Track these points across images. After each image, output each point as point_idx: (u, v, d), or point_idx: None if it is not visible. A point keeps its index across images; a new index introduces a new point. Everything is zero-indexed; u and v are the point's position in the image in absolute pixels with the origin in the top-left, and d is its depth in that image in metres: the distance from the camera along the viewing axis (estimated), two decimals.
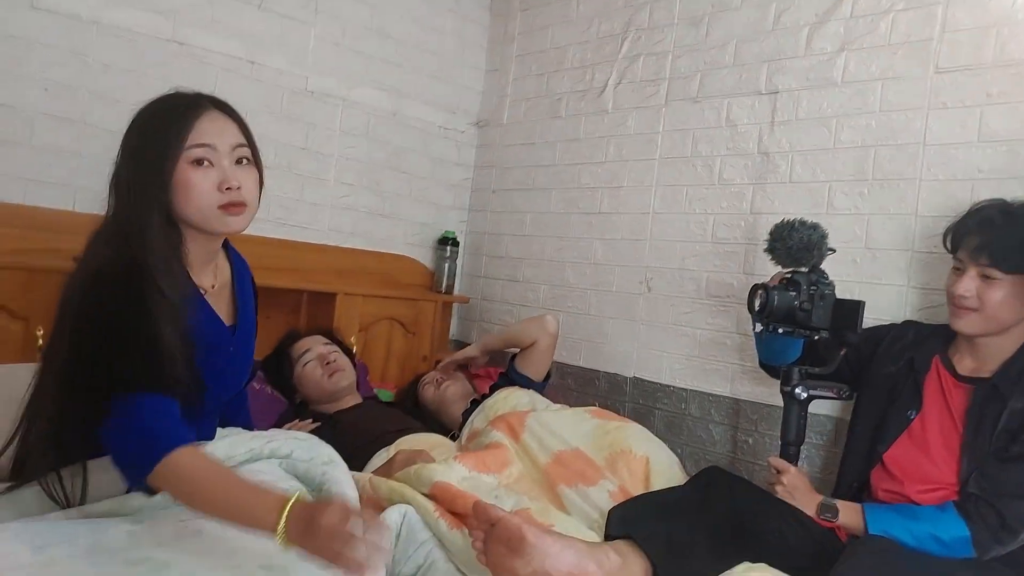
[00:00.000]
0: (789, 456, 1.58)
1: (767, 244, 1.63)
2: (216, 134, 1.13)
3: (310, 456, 1.29)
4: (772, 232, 1.61)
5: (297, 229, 2.38)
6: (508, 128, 2.81)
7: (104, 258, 1.09)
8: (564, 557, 1.07)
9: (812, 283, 1.56)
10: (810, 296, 1.54)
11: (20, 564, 0.89)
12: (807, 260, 1.57)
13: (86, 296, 1.07)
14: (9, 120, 1.79)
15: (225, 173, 1.13)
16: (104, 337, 1.04)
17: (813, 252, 1.56)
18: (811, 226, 1.57)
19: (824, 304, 1.54)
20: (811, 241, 1.56)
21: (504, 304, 2.74)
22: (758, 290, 1.56)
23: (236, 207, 1.14)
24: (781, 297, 1.54)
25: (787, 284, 1.57)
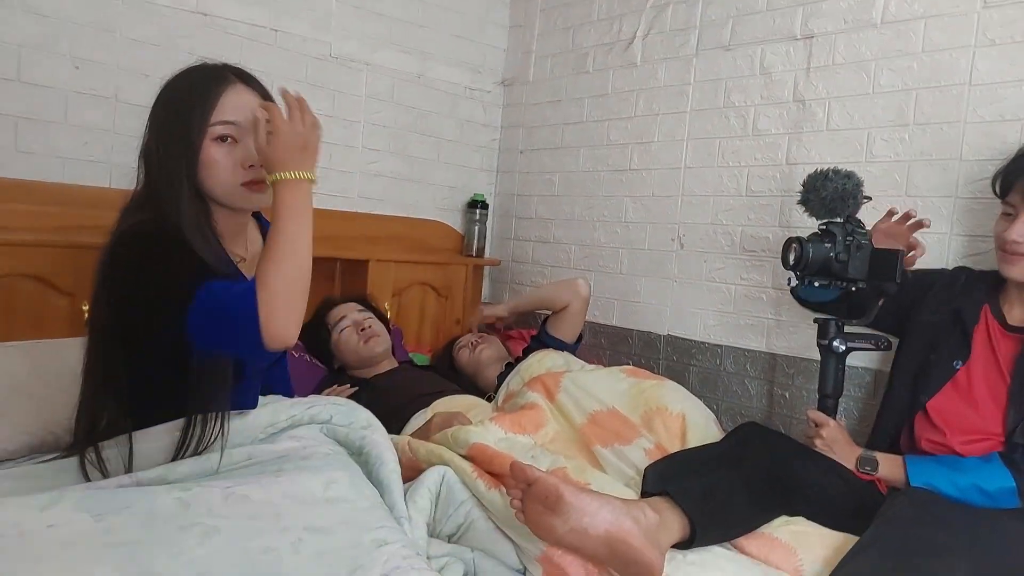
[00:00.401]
0: (827, 409, 1.56)
1: (800, 196, 1.58)
2: (240, 110, 1.13)
3: (349, 421, 1.32)
4: (805, 183, 1.57)
5: (328, 197, 2.39)
6: (534, 86, 2.76)
7: (137, 220, 1.11)
8: (601, 514, 1.09)
9: (848, 233, 1.51)
10: (846, 247, 1.50)
11: (82, 532, 0.94)
12: (842, 210, 1.53)
13: (124, 250, 1.08)
14: (44, 99, 1.82)
15: (248, 150, 1.13)
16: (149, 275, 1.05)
17: (848, 202, 1.52)
18: (845, 175, 1.52)
19: (861, 255, 1.50)
20: (846, 190, 1.51)
21: (535, 266, 2.74)
22: (792, 243, 1.53)
23: (259, 184, 1.14)
24: (816, 249, 1.50)
25: (822, 235, 1.53)
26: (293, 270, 1.01)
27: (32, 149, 1.82)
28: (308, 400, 1.33)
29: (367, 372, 1.99)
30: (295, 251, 1.02)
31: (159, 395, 1.13)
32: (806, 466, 1.37)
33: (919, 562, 1.11)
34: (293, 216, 1.04)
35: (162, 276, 1.05)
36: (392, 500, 1.20)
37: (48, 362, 1.48)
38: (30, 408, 1.41)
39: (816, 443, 1.47)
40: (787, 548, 1.22)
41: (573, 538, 1.08)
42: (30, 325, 1.66)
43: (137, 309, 1.07)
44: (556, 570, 1.14)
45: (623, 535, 1.07)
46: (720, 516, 1.21)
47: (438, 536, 1.28)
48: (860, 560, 1.13)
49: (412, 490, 1.28)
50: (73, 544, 0.92)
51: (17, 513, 0.94)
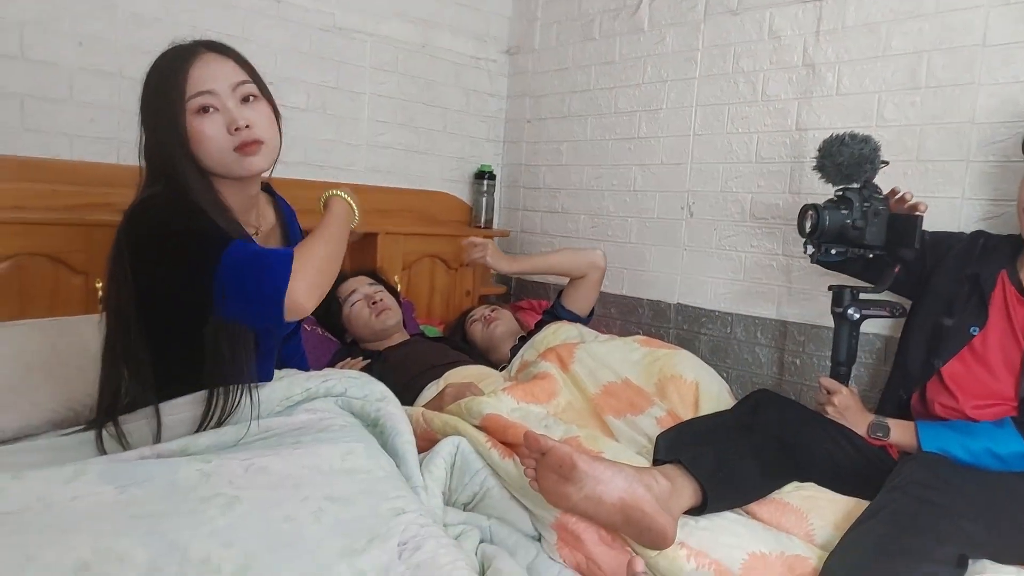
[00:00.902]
0: (840, 376, 1.57)
1: (815, 161, 1.56)
2: (212, 78, 1.12)
3: (363, 393, 1.33)
4: (821, 148, 1.54)
5: (335, 171, 2.39)
6: (540, 54, 2.73)
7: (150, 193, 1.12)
8: (615, 482, 1.10)
9: (865, 199, 1.50)
10: (863, 213, 1.48)
11: (106, 503, 0.96)
12: (859, 176, 1.50)
13: (141, 218, 1.09)
14: (49, 76, 1.82)
15: (231, 114, 1.12)
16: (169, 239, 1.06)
17: (865, 167, 1.49)
18: (862, 139, 1.49)
19: (878, 221, 1.49)
20: (863, 155, 1.48)
21: (544, 236, 2.74)
22: (808, 210, 1.51)
23: (250, 146, 1.13)
24: (832, 216, 1.48)
25: (838, 202, 1.52)
26: (333, 250, 1.12)
27: (40, 127, 1.82)
28: (323, 373, 1.35)
29: (379, 345, 2.00)
30: (338, 239, 1.16)
31: (180, 368, 1.14)
32: (817, 433, 1.38)
33: (928, 525, 1.12)
34: (339, 219, 1.21)
35: (184, 238, 1.05)
36: (408, 470, 1.22)
37: (65, 340, 1.50)
38: (50, 385, 1.43)
39: (828, 410, 1.48)
40: (798, 513, 1.23)
41: (587, 505, 1.10)
42: (45, 303, 1.68)
43: (157, 276, 1.08)
44: (570, 536, 1.16)
45: (636, 502, 1.09)
46: (731, 482, 1.23)
47: (454, 505, 1.30)
48: (871, 524, 1.14)
49: (427, 460, 1.30)
50: (98, 515, 0.94)
51: (42, 486, 0.96)
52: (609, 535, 1.16)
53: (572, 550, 1.16)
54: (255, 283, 1.02)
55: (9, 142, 1.77)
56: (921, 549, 1.09)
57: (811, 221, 1.50)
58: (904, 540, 1.10)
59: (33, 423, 1.39)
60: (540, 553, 1.18)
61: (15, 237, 1.64)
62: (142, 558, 0.90)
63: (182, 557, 0.91)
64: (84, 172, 1.85)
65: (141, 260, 1.09)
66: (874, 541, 1.10)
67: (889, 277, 1.55)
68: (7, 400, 1.38)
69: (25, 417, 1.38)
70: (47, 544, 0.89)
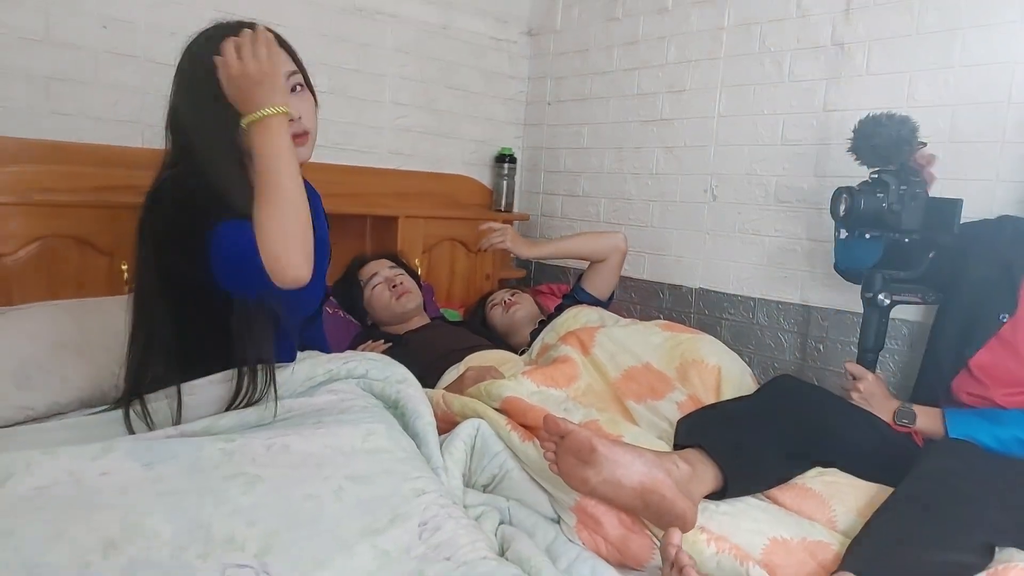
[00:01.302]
0: (867, 363, 1.54)
1: (850, 143, 1.51)
2: None
3: (384, 375, 1.34)
4: (856, 129, 1.49)
5: (357, 154, 2.39)
6: (562, 35, 2.70)
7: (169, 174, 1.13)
8: (635, 466, 1.10)
9: (902, 182, 1.45)
10: (900, 196, 1.44)
11: (133, 479, 0.98)
12: (896, 158, 1.45)
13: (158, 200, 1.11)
14: (74, 59, 1.83)
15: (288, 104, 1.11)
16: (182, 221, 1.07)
17: (903, 149, 1.44)
18: (900, 120, 1.44)
19: (916, 204, 1.44)
20: (900, 137, 1.43)
21: (564, 220, 2.72)
22: (842, 194, 1.47)
23: (300, 137, 1.14)
24: (868, 200, 1.44)
25: (873, 185, 1.47)
26: (285, 211, 1.00)
27: (65, 110, 1.83)
28: (344, 355, 1.36)
29: (400, 328, 2.01)
30: (282, 191, 1.01)
31: (204, 348, 1.15)
32: (840, 418, 1.36)
33: (954, 512, 1.10)
34: (270, 156, 1.02)
35: (195, 220, 1.06)
36: (428, 451, 1.23)
37: (92, 320, 1.53)
38: (79, 364, 1.46)
39: (853, 396, 1.46)
40: (820, 499, 1.22)
41: (607, 489, 1.10)
42: (72, 285, 1.71)
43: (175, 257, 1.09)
44: (590, 519, 1.17)
45: (656, 486, 1.08)
46: (752, 467, 1.22)
47: (473, 486, 1.30)
48: (895, 511, 1.12)
49: (447, 442, 1.30)
50: (126, 491, 0.96)
51: (71, 462, 0.98)
52: (629, 518, 1.15)
53: (591, 533, 1.16)
54: (243, 274, 1.02)
55: (36, 125, 1.79)
56: (946, 537, 1.07)
57: (845, 204, 1.46)
58: (929, 528, 1.09)
59: (62, 401, 1.42)
60: (559, 535, 1.18)
61: (43, 219, 1.67)
62: (167, 535, 0.91)
63: (206, 535, 0.93)
64: (109, 155, 1.87)
65: (162, 241, 1.10)
66: (898, 529, 1.09)
67: (924, 262, 1.51)
68: (37, 379, 1.41)
69: (55, 395, 1.42)
70: (76, 520, 0.91)
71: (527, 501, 1.25)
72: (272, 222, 0.99)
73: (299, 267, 1.00)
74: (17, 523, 0.89)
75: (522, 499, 1.25)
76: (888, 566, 1.02)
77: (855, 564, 1.03)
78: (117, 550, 0.89)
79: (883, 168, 1.48)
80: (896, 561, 1.04)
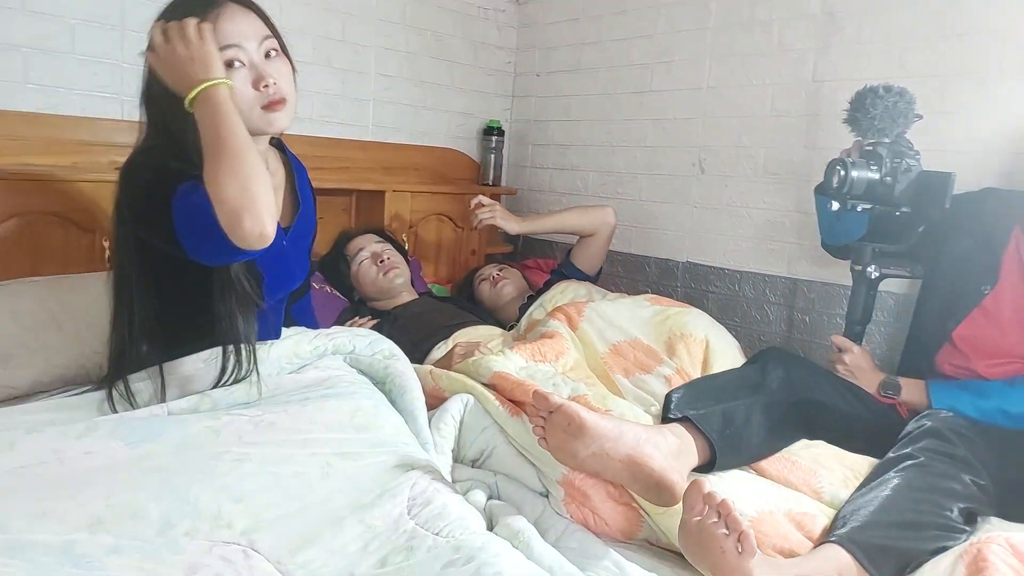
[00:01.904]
0: (854, 335, 1.54)
1: (847, 114, 1.50)
2: (240, 32, 1.09)
3: (372, 351, 1.33)
4: (853, 101, 1.48)
5: (342, 127, 2.35)
6: (550, 4, 2.65)
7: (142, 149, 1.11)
8: (623, 440, 1.10)
9: (896, 155, 1.44)
10: (892, 169, 1.43)
11: (118, 458, 0.97)
12: (891, 130, 1.44)
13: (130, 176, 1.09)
14: (51, 29, 1.78)
15: (259, 70, 1.09)
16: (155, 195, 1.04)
17: (899, 121, 1.43)
18: (897, 92, 1.43)
19: (909, 177, 1.44)
20: (897, 108, 1.42)
21: (552, 194, 2.70)
22: (836, 165, 1.46)
23: (276, 104, 1.11)
24: (860, 171, 1.43)
25: (867, 157, 1.46)
26: (234, 165, 0.96)
27: (42, 81, 1.79)
28: (330, 331, 1.35)
29: (387, 304, 2.00)
30: (231, 148, 0.97)
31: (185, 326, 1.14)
32: (826, 390, 1.37)
33: (937, 483, 1.12)
34: (215, 126, 0.99)
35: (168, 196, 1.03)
36: (417, 427, 1.23)
37: (75, 297, 1.50)
38: (61, 342, 1.44)
39: (839, 368, 1.47)
40: (806, 470, 1.23)
41: (595, 462, 1.10)
42: (55, 261, 1.68)
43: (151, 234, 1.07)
44: (577, 493, 1.17)
45: (644, 459, 1.09)
46: (740, 440, 1.23)
47: (462, 461, 1.31)
48: (880, 482, 1.14)
49: (436, 417, 1.31)
50: (111, 470, 0.95)
51: (55, 441, 0.97)
52: (616, 491, 1.16)
53: (579, 506, 1.17)
54: (207, 241, 0.99)
55: (13, 96, 1.74)
56: (930, 507, 1.09)
57: (838, 176, 1.45)
58: (913, 498, 1.10)
59: (45, 379, 1.40)
60: (547, 509, 1.19)
61: (22, 195, 1.63)
62: (155, 513, 0.91)
63: (194, 511, 0.93)
64: (88, 127, 1.83)
65: (139, 217, 1.08)
66: (883, 499, 1.10)
67: (913, 235, 1.51)
68: (20, 356, 1.39)
69: (38, 373, 1.40)
70: (61, 498, 0.90)
71: (515, 475, 1.25)
72: (225, 182, 0.95)
73: (262, 225, 0.95)
74: (1, 502, 0.88)
75: (510, 473, 1.26)
76: (873, 537, 1.04)
77: (840, 535, 1.04)
78: (104, 527, 0.89)
79: (878, 140, 1.47)
80: (881, 532, 1.05)
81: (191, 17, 1.05)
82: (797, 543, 1.09)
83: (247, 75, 1.09)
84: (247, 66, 1.09)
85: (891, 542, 1.05)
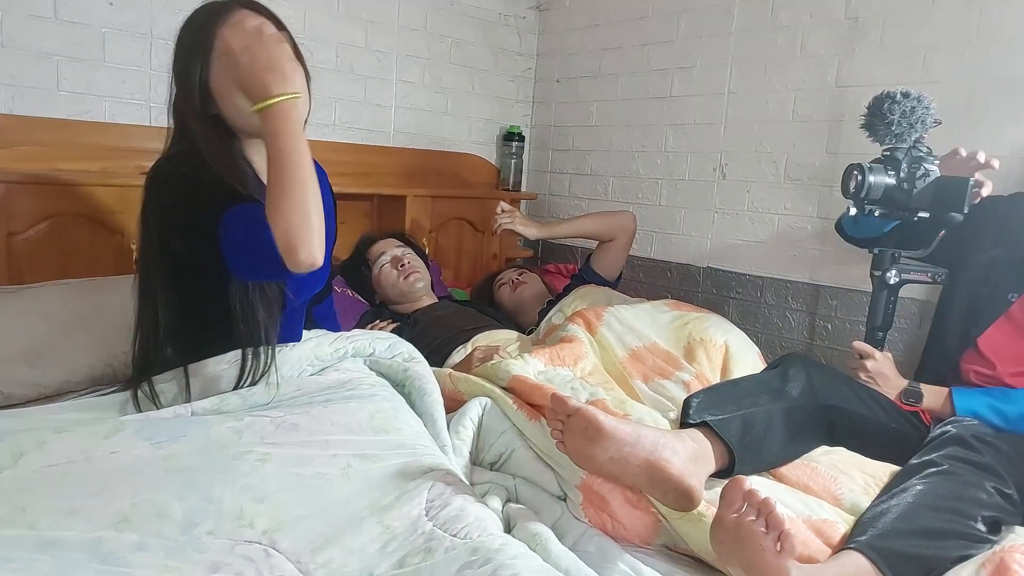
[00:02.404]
0: (875, 341, 1.52)
1: (864, 120, 1.48)
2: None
3: (392, 354, 1.35)
4: (870, 106, 1.46)
5: (364, 132, 2.38)
6: (571, 10, 2.66)
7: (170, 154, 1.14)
8: (641, 444, 1.10)
9: (913, 160, 1.43)
10: (910, 174, 1.42)
11: (144, 458, 0.99)
12: (909, 135, 1.43)
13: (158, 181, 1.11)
14: (82, 38, 1.83)
15: None
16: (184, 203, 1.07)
17: (916, 127, 1.42)
18: (915, 97, 1.41)
19: (927, 183, 1.43)
20: (915, 114, 1.41)
21: (572, 199, 2.71)
22: (853, 170, 1.45)
23: None
24: (878, 177, 1.42)
25: (884, 162, 1.45)
26: (301, 198, 0.98)
27: (74, 88, 1.83)
28: (351, 334, 1.36)
29: (408, 307, 2.01)
30: (298, 178, 0.98)
31: (209, 329, 1.16)
32: (848, 397, 1.35)
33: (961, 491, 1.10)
34: (285, 144, 0.99)
35: (196, 203, 1.06)
36: (436, 430, 1.23)
37: (103, 299, 1.54)
38: (89, 342, 1.47)
39: (861, 375, 1.46)
40: (827, 477, 1.22)
41: (613, 467, 1.10)
42: (84, 264, 1.72)
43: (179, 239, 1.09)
44: (596, 497, 1.17)
45: (662, 464, 1.08)
46: (759, 446, 1.22)
47: (480, 464, 1.31)
48: (902, 489, 1.13)
49: (455, 420, 1.31)
50: (136, 469, 0.97)
51: (83, 441, 0.99)
52: (635, 496, 1.16)
53: (597, 511, 1.17)
54: (257, 262, 1.02)
55: (46, 103, 1.79)
56: (954, 515, 1.07)
57: (855, 181, 1.44)
58: (937, 505, 1.09)
59: (73, 379, 1.43)
60: (565, 513, 1.19)
61: (53, 198, 1.67)
62: (179, 512, 0.93)
63: (217, 511, 0.94)
64: (117, 133, 1.87)
65: (164, 223, 1.10)
66: (905, 507, 1.09)
67: (932, 241, 1.49)
68: (49, 356, 1.43)
69: (66, 373, 1.43)
70: (89, 496, 0.92)
71: (533, 479, 1.25)
72: (289, 211, 0.97)
73: (314, 255, 0.98)
74: (31, 500, 0.90)
75: (528, 477, 1.26)
76: (894, 544, 1.03)
77: (861, 542, 1.03)
78: (129, 525, 0.90)
79: (895, 146, 1.46)
80: (902, 540, 1.04)
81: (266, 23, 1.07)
82: (817, 550, 1.08)
83: None
84: None
85: (913, 550, 1.03)
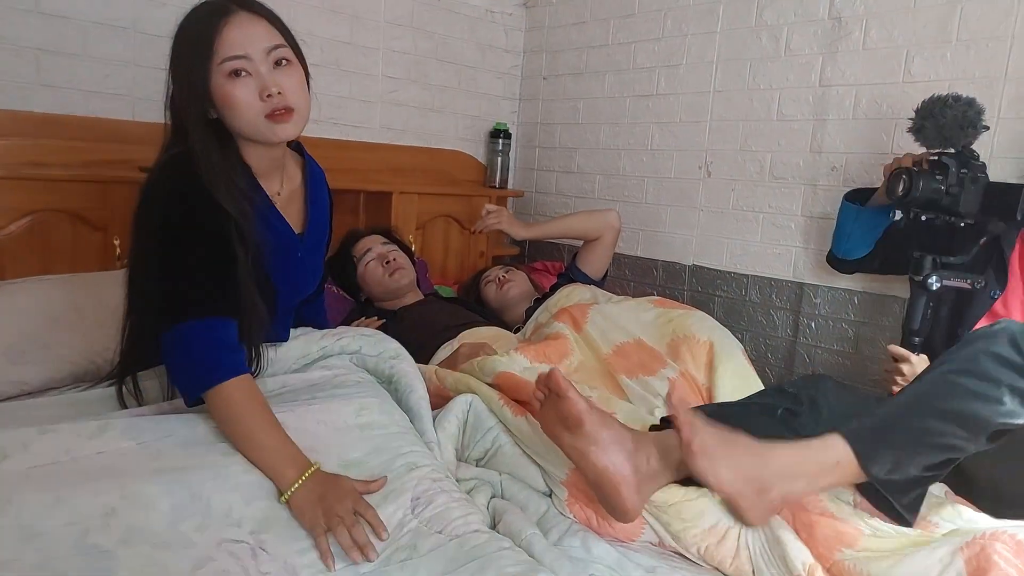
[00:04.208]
0: (911, 346, 1.49)
1: (913, 123, 1.47)
2: (246, 41, 1.08)
3: (378, 351, 1.34)
4: (920, 109, 1.45)
5: (349, 128, 2.37)
6: (557, 7, 2.67)
7: (169, 155, 1.12)
8: (607, 453, 1.07)
9: (962, 165, 1.41)
10: (960, 180, 1.40)
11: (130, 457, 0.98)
12: (959, 140, 1.42)
13: (156, 182, 1.11)
14: (64, 31, 1.80)
15: (264, 80, 1.09)
16: (166, 255, 1.07)
17: (967, 131, 1.40)
18: (967, 102, 1.40)
19: (975, 189, 1.41)
20: (966, 118, 1.39)
21: (559, 196, 2.71)
22: (901, 175, 1.42)
23: (282, 114, 1.11)
24: (926, 182, 1.40)
25: (933, 167, 1.43)
26: (233, 438, 1.05)
27: (55, 82, 1.81)
28: (337, 331, 1.36)
29: (394, 304, 2.01)
30: (240, 447, 1.05)
31: None
32: None
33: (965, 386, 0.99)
34: (260, 464, 1.04)
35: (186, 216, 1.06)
36: (422, 426, 1.24)
37: (85, 295, 1.52)
38: (72, 339, 1.46)
39: (896, 379, 1.43)
40: None
41: (572, 453, 1.09)
42: (66, 259, 1.70)
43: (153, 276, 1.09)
44: (581, 493, 1.18)
45: (616, 480, 1.06)
46: None
47: (466, 460, 1.32)
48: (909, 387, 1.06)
49: (441, 417, 1.31)
50: (122, 468, 0.97)
51: (68, 442, 0.98)
52: None
53: (582, 507, 1.18)
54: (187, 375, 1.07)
55: (26, 97, 1.77)
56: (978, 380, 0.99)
57: (904, 186, 1.42)
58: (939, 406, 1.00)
59: (56, 376, 1.42)
60: (551, 508, 1.20)
61: (35, 193, 1.65)
62: (166, 506, 0.93)
63: (205, 507, 0.94)
64: (100, 128, 1.85)
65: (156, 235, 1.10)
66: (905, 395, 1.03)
67: (973, 248, 1.47)
68: (31, 354, 1.41)
69: (49, 370, 1.42)
70: (76, 488, 0.92)
71: (519, 475, 1.26)
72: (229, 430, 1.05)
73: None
74: (16, 492, 0.89)
75: (514, 473, 1.27)
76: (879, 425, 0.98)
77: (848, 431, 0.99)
78: (117, 517, 0.90)
79: (943, 150, 1.44)
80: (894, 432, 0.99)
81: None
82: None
83: (253, 85, 1.09)
84: (253, 76, 1.09)
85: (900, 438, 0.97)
